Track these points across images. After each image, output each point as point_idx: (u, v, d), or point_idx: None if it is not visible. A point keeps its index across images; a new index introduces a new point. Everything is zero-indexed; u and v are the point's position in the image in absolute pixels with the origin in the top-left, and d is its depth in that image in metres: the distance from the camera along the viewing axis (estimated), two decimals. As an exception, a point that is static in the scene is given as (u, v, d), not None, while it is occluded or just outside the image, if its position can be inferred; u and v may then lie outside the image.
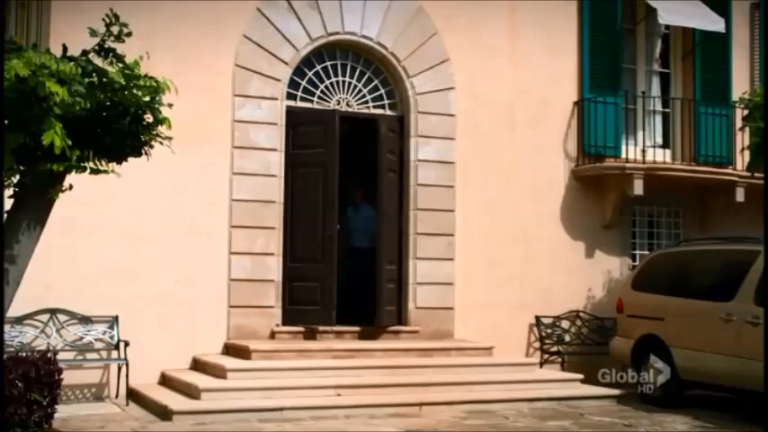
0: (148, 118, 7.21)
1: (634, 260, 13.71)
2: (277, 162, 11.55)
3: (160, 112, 7.19)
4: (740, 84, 14.38)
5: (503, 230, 12.82)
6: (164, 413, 9.09)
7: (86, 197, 8.17)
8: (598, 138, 13.23)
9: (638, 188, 12.85)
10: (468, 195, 12.62)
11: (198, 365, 10.80)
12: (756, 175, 13.57)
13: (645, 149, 13.37)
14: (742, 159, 13.95)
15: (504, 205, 12.86)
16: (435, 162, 12.18)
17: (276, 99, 11.59)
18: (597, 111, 13.22)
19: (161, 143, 7.37)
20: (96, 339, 10.52)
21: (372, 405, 9.72)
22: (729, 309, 9.96)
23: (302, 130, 11.69)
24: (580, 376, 11.34)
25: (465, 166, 12.60)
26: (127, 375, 10.23)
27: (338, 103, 12.13)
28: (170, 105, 7.29)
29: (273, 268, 11.50)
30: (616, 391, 11.06)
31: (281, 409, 9.33)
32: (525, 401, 10.43)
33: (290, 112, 11.69)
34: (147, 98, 7.06)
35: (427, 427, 9.07)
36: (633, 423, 9.53)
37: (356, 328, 11.75)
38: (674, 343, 10.64)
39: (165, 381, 10.57)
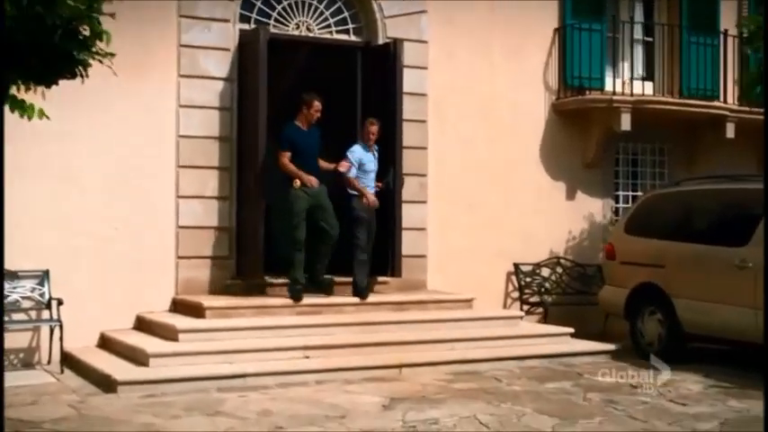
0: (84, 31, 5.81)
1: (617, 202, 12.67)
2: (229, 93, 10.16)
3: (99, 24, 5.80)
4: (728, 11, 13.36)
5: (479, 170, 11.64)
6: (106, 383, 7.79)
7: (8, 133, 6.70)
8: (583, 68, 12.07)
9: (626, 123, 11.76)
10: (443, 131, 11.40)
11: (143, 325, 9.48)
12: (749, 108, 12.68)
13: (628, 81, 12.28)
14: (734, 92, 13.03)
15: (480, 142, 11.66)
16: (406, 94, 10.83)
17: (228, 21, 10.16)
18: (581, 39, 12.04)
19: (100, 61, 5.96)
20: (24, 297, 9.10)
21: (346, 368, 8.55)
22: (744, 254, 8.93)
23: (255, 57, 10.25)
24: (570, 330, 10.28)
25: (438, 100, 11.35)
26: (61, 338, 8.82)
27: (297, 27, 10.73)
28: (113, 16, 5.91)
29: (227, 214, 10.17)
30: (611, 346, 10.05)
31: (244, 375, 8.11)
32: (514, 360, 9.35)
33: (245, 36, 10.26)
34: (84, 6, 5.66)
35: (412, 393, 7.92)
36: (639, 383, 8.50)
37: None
38: (677, 293, 9.60)
39: (106, 343, 9.25)
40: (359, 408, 7.34)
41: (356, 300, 9.96)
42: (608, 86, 12.28)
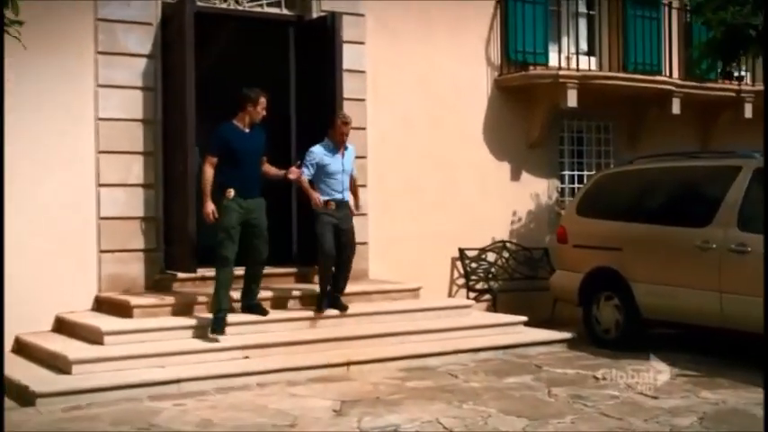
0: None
1: (563, 182, 12.19)
2: (153, 71, 9.34)
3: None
4: (670, -18, 12.95)
5: (420, 151, 11.02)
6: (23, 396, 6.95)
7: None
8: (526, 43, 11.52)
9: (572, 99, 11.26)
10: (382, 110, 10.73)
11: (63, 327, 8.65)
12: (695, 83, 12.32)
13: (571, 57, 11.78)
14: (678, 66, 12.64)
15: (421, 121, 11.04)
16: (343, 71, 10.12)
17: (149, -8, 9.32)
18: (524, 12, 11.49)
19: (7, 32, 5.16)
20: (-72, 300, 8.19)
21: (289, 368, 7.85)
22: (706, 235, 8.48)
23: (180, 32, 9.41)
24: (523, 319, 9.74)
25: (377, 76, 10.68)
26: (-29, 344, 7.95)
27: (225, 0, 9.94)
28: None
29: (153, 202, 9.37)
30: (566, 335, 9.53)
31: (178, 380, 7.36)
32: (468, 353, 8.77)
33: (169, 9, 9.42)
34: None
35: (364, 394, 7.27)
36: (604, 374, 7.99)
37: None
38: (635, 277, 9.13)
39: (22, 348, 8.38)
40: (308, 414, 6.66)
41: (296, 292, 9.27)
42: (551, 62, 11.80)
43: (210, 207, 8.08)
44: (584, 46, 12.47)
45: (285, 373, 7.80)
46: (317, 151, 8.86)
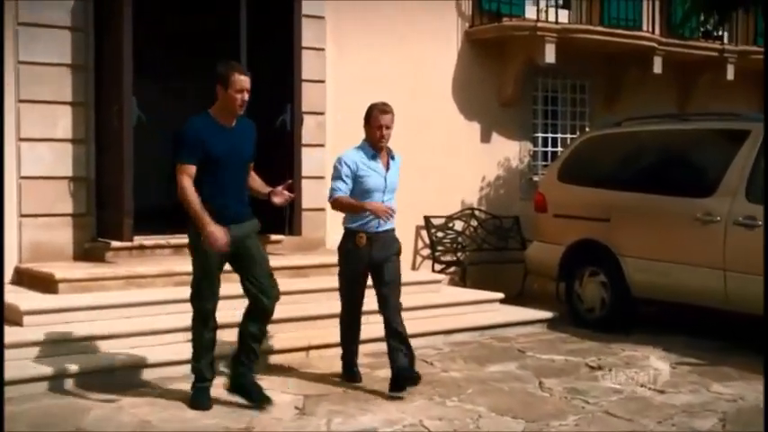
0: None
1: (535, 145, 11.25)
2: (83, 11, 8.12)
3: None
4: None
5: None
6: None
7: None
8: (500, -10, 10.51)
9: (550, 55, 10.29)
10: (342, 62, 9.64)
11: (-23, 303, 7.47)
12: (678, 41, 11.45)
13: (544, 9, 10.79)
14: (662, 24, 11.73)
15: (385, 74, 9.96)
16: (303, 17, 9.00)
17: None
18: (499, -44, 10.46)
19: None
20: None
21: (239, 354, 6.80)
22: (710, 206, 7.60)
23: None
24: (500, 296, 8.80)
25: (337, 24, 9.57)
26: None
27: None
28: None
29: (83, 160, 8.20)
30: (547, 314, 8.64)
31: (111, 369, 6.28)
32: (441, 335, 7.84)
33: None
34: None
35: (330, 387, 6.29)
36: (597, 363, 7.11)
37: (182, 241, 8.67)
38: (626, 251, 8.24)
39: (-72, 328, 7.19)
40: (266, 413, 5.65)
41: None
42: (527, 14, 10.81)
43: (219, 231, 5.39)
44: (559, -1, 11.50)
45: (234, 358, 6.75)
46: (352, 157, 6.04)
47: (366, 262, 6.10)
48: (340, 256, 6.22)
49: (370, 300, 6.45)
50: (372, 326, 7.62)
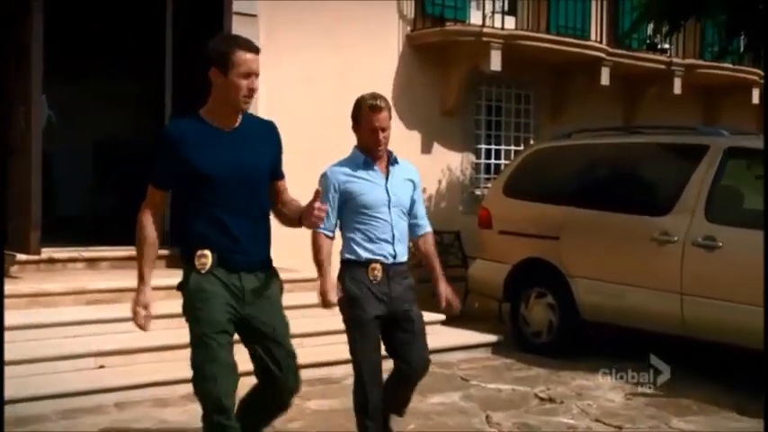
0: None
1: (478, 156, 10.73)
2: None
3: None
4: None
5: (320, 114, 9.34)
6: None
7: None
8: (444, -7, 10.00)
9: (496, 62, 9.81)
10: (276, 64, 8.98)
11: None
12: (626, 52, 11.07)
13: (489, 15, 10.31)
14: (609, 34, 11.35)
15: (322, 79, 9.37)
16: (234, 14, 8.38)
17: None
18: (443, -43, 9.95)
19: None
20: None
21: (159, 382, 6.17)
22: (666, 225, 7.11)
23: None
24: (441, 317, 8.18)
25: (272, 23, 8.95)
26: None
27: None
28: None
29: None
30: (492, 337, 8.09)
31: (14, 401, 5.54)
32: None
33: None
34: None
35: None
36: (547, 393, 6.58)
37: (122, 253, 8.01)
38: (576, 271, 7.72)
39: None
40: (182, 453, 5.00)
41: (166, 281, 7.51)
42: (471, 20, 10.33)
43: (144, 300, 3.94)
44: (505, 4, 11.01)
45: (153, 388, 6.11)
46: (336, 173, 4.68)
47: (385, 304, 4.56)
48: (347, 298, 4.57)
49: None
50: (305, 350, 7.01)
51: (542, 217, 8.08)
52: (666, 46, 11.95)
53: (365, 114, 4.65)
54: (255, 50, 3.80)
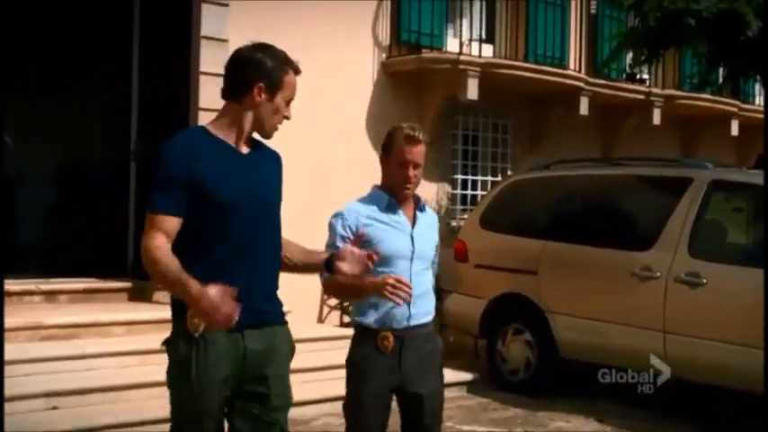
0: None
1: (454, 187, 10.48)
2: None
3: None
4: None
5: (291, 142, 8.94)
6: None
7: None
8: (422, 22, 9.79)
9: (473, 91, 9.58)
10: (246, 90, 8.73)
11: None
12: (605, 82, 10.90)
13: (467, 42, 10.12)
14: (588, 63, 11.19)
15: (294, 105, 9.04)
16: (203, 39, 8.10)
17: None
18: (419, -17, 9.74)
19: None
20: None
21: (115, 425, 5.80)
22: (648, 261, 6.87)
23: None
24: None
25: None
26: None
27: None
28: None
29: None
30: (468, 375, 7.78)
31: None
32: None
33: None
34: None
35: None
36: (524, 436, 6.29)
37: (82, 285, 7.68)
38: (554, 307, 7.45)
39: None
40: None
41: (130, 316, 7.19)
42: (448, 47, 10.12)
43: (220, 296, 2.95)
44: (482, 32, 10.81)
45: (107, 431, 5.75)
46: (353, 212, 3.94)
47: (394, 380, 3.82)
48: (349, 370, 3.90)
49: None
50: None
51: (520, 250, 7.81)
52: (645, 76, 11.84)
53: (398, 145, 3.87)
54: (296, 67, 3.36)
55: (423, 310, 3.85)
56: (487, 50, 10.64)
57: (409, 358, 3.80)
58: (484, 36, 10.71)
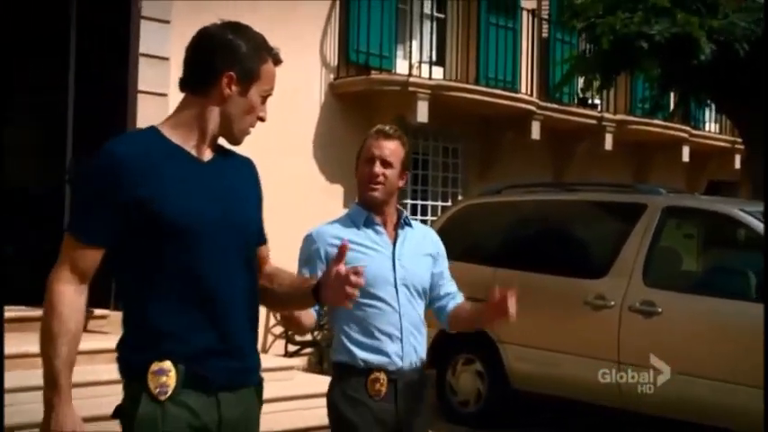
0: None
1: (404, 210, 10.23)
2: None
3: None
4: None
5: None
6: None
7: None
8: (371, 42, 9.54)
9: (423, 114, 9.38)
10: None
11: None
12: (557, 106, 10.77)
13: (416, 64, 9.93)
14: (539, 87, 11.05)
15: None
16: (141, 56, 7.80)
17: None
18: (370, 5, 9.53)
19: None
20: None
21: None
22: (601, 289, 6.64)
23: None
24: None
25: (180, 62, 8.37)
26: None
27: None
28: None
29: None
30: (416, 407, 7.49)
31: None
32: (291, 435, 6.59)
33: None
34: None
35: None
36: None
37: (11, 313, 7.28)
38: (506, 337, 7.19)
39: None
40: None
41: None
42: (398, 68, 9.91)
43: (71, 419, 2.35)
44: (432, 54, 10.63)
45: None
46: (323, 234, 3.39)
47: (387, 428, 3.30)
48: (332, 417, 3.36)
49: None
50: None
51: (470, 278, 7.39)
52: (597, 101, 11.74)
53: (368, 142, 3.37)
54: (277, 56, 2.63)
55: (415, 350, 3.33)
56: (438, 73, 10.47)
57: (404, 406, 3.29)
58: (434, 58, 10.53)
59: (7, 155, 9.09)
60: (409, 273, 3.36)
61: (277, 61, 2.59)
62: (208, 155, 2.52)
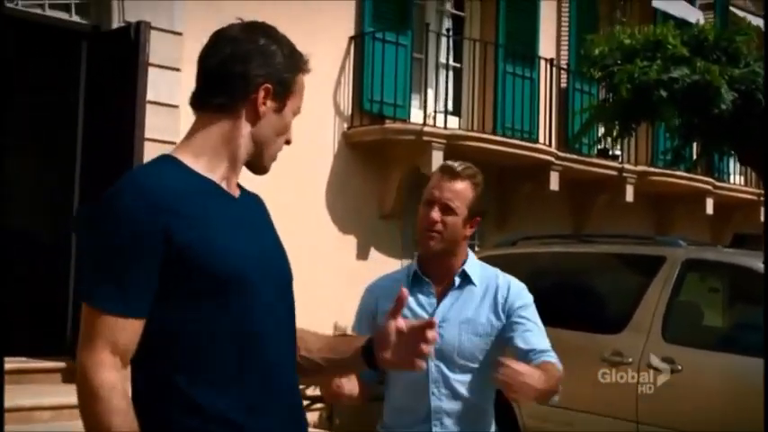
0: None
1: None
2: None
3: None
4: (547, 39, 11.28)
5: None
6: None
7: None
8: (385, 91, 9.48)
9: (438, 163, 9.12)
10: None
11: None
12: (576, 156, 10.58)
13: (432, 114, 9.78)
14: (556, 135, 10.86)
15: (249, 177, 8.62)
16: (150, 103, 7.70)
17: None
18: (385, 54, 9.39)
19: None
20: None
21: None
22: (619, 345, 6.38)
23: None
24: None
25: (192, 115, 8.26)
26: None
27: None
28: None
29: None
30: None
31: None
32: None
33: None
34: None
35: None
36: None
37: (9, 365, 7.05)
38: (520, 394, 6.95)
39: None
40: None
41: (56, 400, 6.63)
42: (412, 118, 9.77)
43: None
44: (449, 103, 10.49)
45: None
46: (373, 290, 3.08)
47: None
48: None
49: None
50: None
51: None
52: (618, 152, 11.52)
53: (431, 182, 2.94)
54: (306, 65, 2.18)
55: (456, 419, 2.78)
56: (454, 122, 10.31)
57: None
58: (450, 108, 10.38)
59: (13, 203, 9.04)
60: (452, 343, 2.80)
61: (306, 71, 2.15)
62: (235, 189, 2.10)
